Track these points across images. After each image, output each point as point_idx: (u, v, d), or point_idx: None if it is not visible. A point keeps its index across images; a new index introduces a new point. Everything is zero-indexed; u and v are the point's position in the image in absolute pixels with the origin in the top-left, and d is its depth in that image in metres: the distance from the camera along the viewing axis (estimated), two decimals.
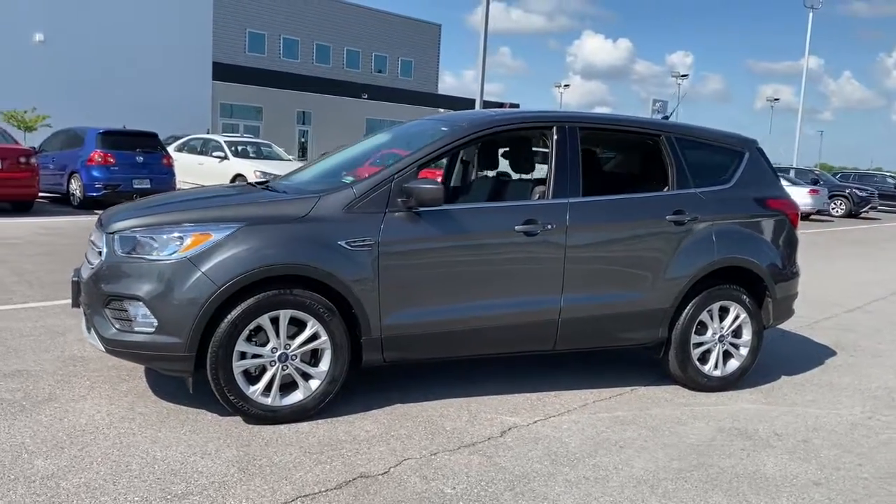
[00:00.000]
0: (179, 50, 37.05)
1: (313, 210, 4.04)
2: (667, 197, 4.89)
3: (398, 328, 4.17)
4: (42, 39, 33.46)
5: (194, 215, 4.01)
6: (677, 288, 4.79)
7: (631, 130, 5.08)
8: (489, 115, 4.69)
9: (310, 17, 44.73)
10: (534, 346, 4.63)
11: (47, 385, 4.38)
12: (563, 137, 4.65)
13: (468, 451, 3.77)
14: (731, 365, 5.09)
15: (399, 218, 4.15)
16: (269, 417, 3.96)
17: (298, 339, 3.99)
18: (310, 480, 3.34)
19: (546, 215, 4.46)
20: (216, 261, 3.79)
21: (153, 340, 3.80)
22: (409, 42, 50.38)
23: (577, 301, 4.56)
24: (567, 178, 4.59)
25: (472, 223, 4.33)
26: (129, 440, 3.66)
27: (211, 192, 5.02)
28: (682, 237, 4.82)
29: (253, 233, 3.88)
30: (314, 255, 3.93)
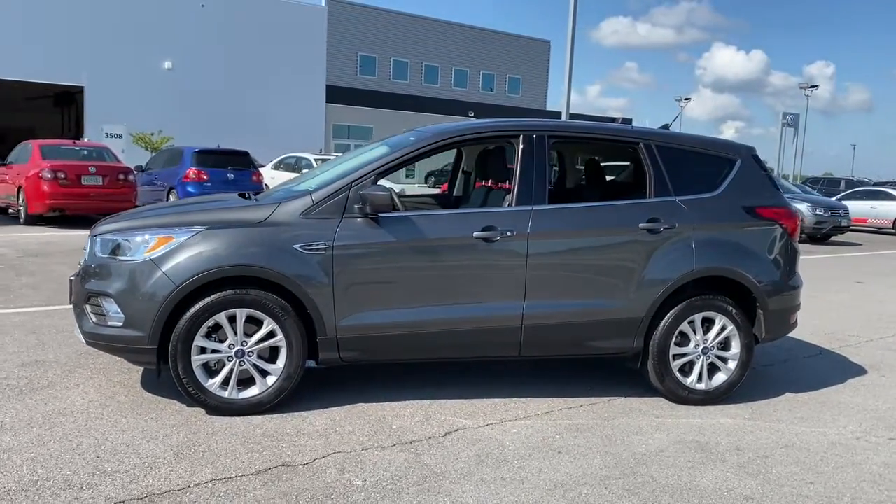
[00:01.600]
0: (295, 75, 38.97)
1: (272, 216, 4.30)
2: (641, 205, 4.82)
3: (354, 329, 4.34)
4: (170, 67, 36.03)
5: (163, 220, 4.37)
6: (652, 297, 4.71)
7: (607, 139, 5.05)
8: (454, 125, 4.81)
9: (419, 39, 45.96)
10: (498, 351, 4.68)
11: (53, 374, 4.85)
12: (530, 146, 4.70)
13: (399, 449, 3.89)
14: (718, 378, 4.93)
15: (356, 223, 4.34)
16: (226, 409, 4.23)
17: (255, 337, 4.25)
18: (232, 466, 3.56)
19: (506, 223, 4.52)
20: (176, 262, 4.12)
21: (122, 334, 4.16)
22: (518, 59, 50.68)
23: (541, 308, 4.58)
24: (532, 186, 4.64)
25: (430, 229, 4.46)
26: (93, 424, 4.02)
27: (197, 200, 5.39)
28: (657, 245, 4.74)
29: (211, 236, 4.18)
30: (268, 257, 4.18)
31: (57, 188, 12.89)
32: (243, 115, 36.22)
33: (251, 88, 37.04)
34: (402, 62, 45.65)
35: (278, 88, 37.58)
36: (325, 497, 3.29)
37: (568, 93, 19.44)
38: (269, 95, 37.29)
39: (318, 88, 40.38)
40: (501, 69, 50.15)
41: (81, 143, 14.91)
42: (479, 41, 48.95)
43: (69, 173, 13.12)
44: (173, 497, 3.22)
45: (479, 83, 49.30)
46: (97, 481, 3.32)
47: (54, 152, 13.78)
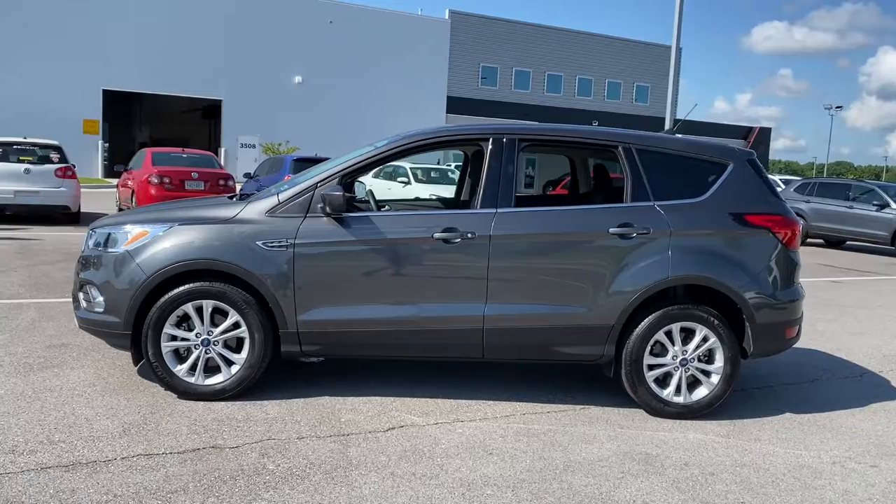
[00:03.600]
0: (417, 86, 40.05)
1: (239, 214, 4.55)
2: (613, 209, 4.70)
3: (314, 325, 4.52)
4: (300, 81, 37.94)
5: (146, 216, 4.74)
6: (622, 304, 4.58)
7: (583, 142, 4.95)
8: (423, 129, 4.88)
9: (542, 49, 45.83)
10: (460, 353, 4.70)
11: (68, 356, 5.33)
12: (498, 149, 4.71)
13: (333, 440, 4.02)
14: (699, 392, 4.71)
15: (318, 222, 4.52)
16: (193, 394, 4.51)
17: (220, 327, 4.51)
18: (165, 444, 3.82)
19: (468, 224, 4.55)
20: (148, 254, 4.45)
21: (103, 319, 4.55)
22: (646, 67, 49.41)
23: (503, 311, 4.57)
24: (497, 189, 4.64)
25: (391, 229, 4.56)
26: (70, 400, 4.41)
27: (193, 200, 5.73)
28: (629, 251, 4.60)
29: (182, 231, 4.49)
30: (231, 253, 4.43)
31: (163, 192, 13.96)
32: (366, 126, 37.46)
33: (374, 100, 38.35)
34: (524, 72, 45.69)
35: (400, 100, 38.68)
36: (230, 478, 3.47)
37: (673, 99, 18.83)
38: (392, 107, 38.42)
39: (440, 99, 41.23)
40: (628, 77, 49.09)
41: (189, 150, 16.06)
42: (605, 49, 48.17)
43: (174, 179, 14.20)
44: (95, 466, 3.50)
45: (604, 92, 48.50)
46: (39, 448, 3.67)
47: (164, 159, 14.95)
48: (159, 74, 34.51)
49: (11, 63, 31.76)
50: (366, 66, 39.01)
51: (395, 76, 39.51)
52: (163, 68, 34.42)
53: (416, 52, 40.38)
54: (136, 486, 3.32)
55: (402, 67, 39.75)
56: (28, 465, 3.47)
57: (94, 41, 33.00)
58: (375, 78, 39.17)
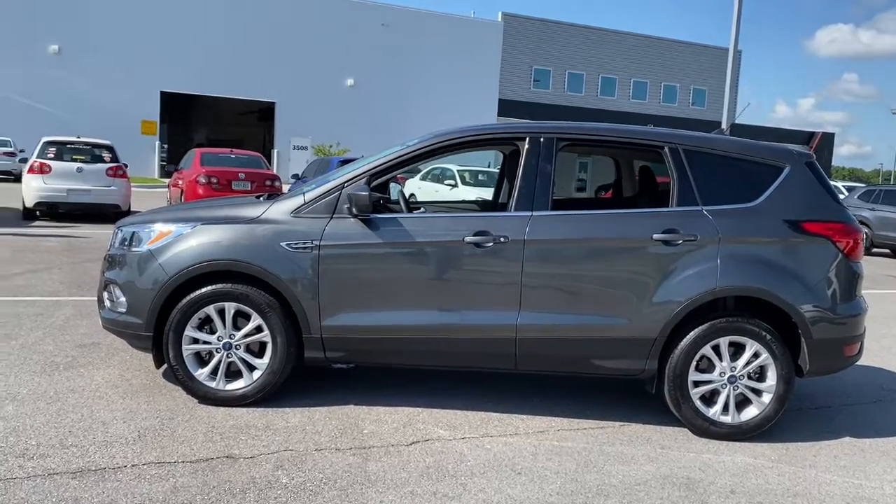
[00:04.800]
0: (469, 89, 39.85)
1: (264, 214, 4.40)
2: (658, 214, 4.40)
3: (339, 330, 4.33)
4: (352, 84, 38.14)
5: (169, 215, 4.62)
6: (666, 316, 4.27)
7: (626, 142, 4.65)
8: (457, 128, 4.64)
9: (596, 51, 45.14)
10: (492, 363, 4.46)
11: (95, 356, 5.26)
12: (535, 149, 4.45)
13: (352, 453, 3.81)
14: (749, 412, 4.37)
15: (345, 224, 4.33)
16: (213, 399, 4.36)
17: (242, 331, 4.36)
18: (178, 452, 3.67)
19: (501, 227, 4.31)
20: (171, 253, 4.33)
21: (125, 319, 4.44)
22: (703, 70, 48.24)
23: (537, 321, 4.31)
24: (533, 191, 4.39)
25: (420, 231, 4.35)
26: (90, 402, 4.31)
27: (216, 199, 5.59)
28: (674, 259, 4.30)
29: (206, 231, 4.35)
30: (254, 254, 4.28)
31: (210, 192, 14.02)
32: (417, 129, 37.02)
33: (425, 102, 38.29)
34: (577, 74, 45.06)
35: (451, 102, 38.52)
36: (240, 490, 3.30)
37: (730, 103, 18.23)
38: (443, 109, 38.29)
39: (491, 102, 40.97)
40: (685, 80, 48.00)
41: (238, 151, 16.15)
42: (661, 51, 47.17)
43: (221, 179, 14.27)
44: (103, 474, 3.37)
45: (659, 95, 47.53)
46: (50, 453, 3.56)
47: (212, 160, 15.05)
48: (215, 77, 35.06)
49: (75, 65, 32.65)
50: (417, 68, 39.00)
51: (447, 79, 39.41)
52: (218, 71, 34.97)
53: (468, 54, 40.20)
54: (141, 497, 3.17)
55: (454, 70, 39.62)
56: (36, 471, 3.36)
57: (152, 44, 33.70)
58: (427, 80, 39.12)
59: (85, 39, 32.87)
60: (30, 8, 32.00)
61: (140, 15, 33.63)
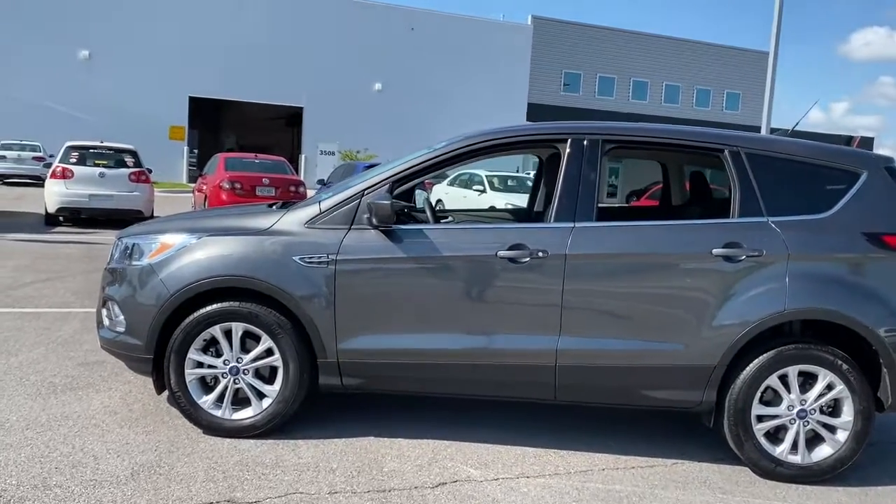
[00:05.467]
0: (498, 93, 39.36)
1: (276, 224, 3.97)
2: (716, 226, 3.90)
3: (357, 353, 3.89)
4: (380, 88, 37.87)
5: (173, 225, 4.21)
6: (727, 341, 3.77)
7: (681, 144, 4.14)
8: (490, 129, 4.18)
9: (627, 55, 44.29)
10: (528, 393, 3.98)
11: (97, 377, 4.87)
12: (578, 152, 3.97)
13: (369, 497, 3.36)
14: (821, 451, 3.84)
15: (364, 235, 3.89)
16: (218, 429, 3.94)
17: (251, 354, 3.93)
18: (175, 494, 3.25)
19: (539, 241, 3.83)
20: (173, 268, 3.92)
21: (123, 340, 4.03)
22: (737, 73, 47.14)
23: (579, 346, 3.83)
24: (576, 200, 3.91)
25: (448, 244, 3.89)
26: (84, 432, 3.91)
27: (226, 208, 5.17)
28: (736, 277, 3.79)
29: (210, 243, 3.93)
30: (264, 269, 3.85)
31: (234, 197, 13.70)
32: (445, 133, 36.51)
33: (454, 107, 37.87)
34: (608, 78, 44.25)
35: (480, 106, 38.02)
36: None
37: (769, 104, 17.51)
38: (471, 113, 37.79)
39: (520, 107, 40.44)
40: (718, 84, 46.94)
41: (262, 156, 15.83)
42: (693, 55, 46.19)
43: (245, 184, 13.93)
44: None
45: (692, 99, 46.54)
46: (30, 496, 3.16)
47: (236, 164, 14.74)
48: (243, 82, 34.97)
49: (104, 70, 32.76)
50: (446, 72, 38.61)
51: (476, 83, 38.95)
52: (246, 76, 34.87)
53: (496, 58, 39.71)
54: None
55: (483, 74, 39.15)
56: None
57: (181, 50, 33.70)
58: (455, 85, 38.71)
59: (115, 45, 32.96)
60: (61, 14, 32.15)
61: (169, 21, 33.66)
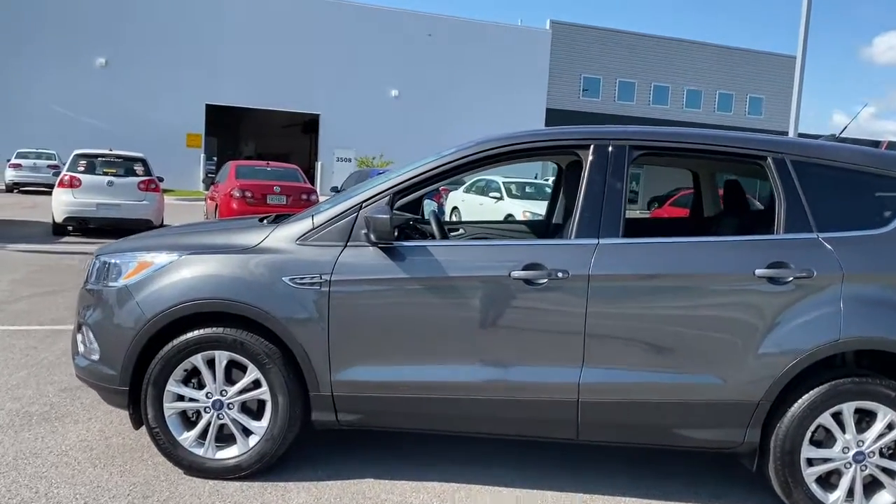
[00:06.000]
0: (516, 98, 38.95)
1: (265, 240, 3.57)
2: (759, 243, 3.44)
3: (353, 386, 3.47)
4: (397, 94, 37.59)
5: (152, 242, 3.83)
6: (772, 374, 3.32)
7: (719, 151, 3.68)
8: (504, 134, 3.75)
9: (647, 59, 43.60)
10: (546, 431, 3.54)
11: (78, 404, 4.49)
12: (602, 159, 3.54)
13: None
14: (881, 499, 3.37)
15: (362, 253, 3.48)
16: (200, 470, 3.54)
17: (236, 387, 3.53)
18: None
19: (559, 259, 3.40)
20: (150, 290, 3.53)
21: (98, 369, 3.65)
22: (760, 77, 46.27)
23: (605, 378, 3.39)
24: (600, 213, 3.47)
25: (455, 263, 3.46)
26: (53, 471, 3.53)
27: (212, 222, 4.77)
28: (783, 302, 3.33)
29: (192, 263, 3.54)
30: (249, 291, 3.45)
31: (244, 206, 13.36)
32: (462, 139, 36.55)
33: (471, 113, 37.49)
34: (628, 83, 43.60)
35: (498, 112, 37.63)
36: None
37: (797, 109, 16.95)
38: (489, 119, 37.40)
39: (539, 112, 39.98)
40: (741, 88, 46.11)
41: (274, 164, 15.49)
42: (715, 58, 45.41)
43: (256, 193, 13.59)
44: None
45: (714, 104, 45.74)
46: None
47: (247, 172, 14.40)
48: (259, 90, 34.82)
49: (121, 78, 32.73)
50: (463, 78, 38.27)
51: (493, 88, 38.57)
52: (262, 83, 34.73)
53: (515, 63, 39.30)
54: None
55: (501, 79, 38.77)
56: None
57: (198, 57, 33.63)
58: (473, 90, 38.35)
59: (132, 52, 32.94)
60: (78, 21, 32.18)
61: (186, 28, 33.62)
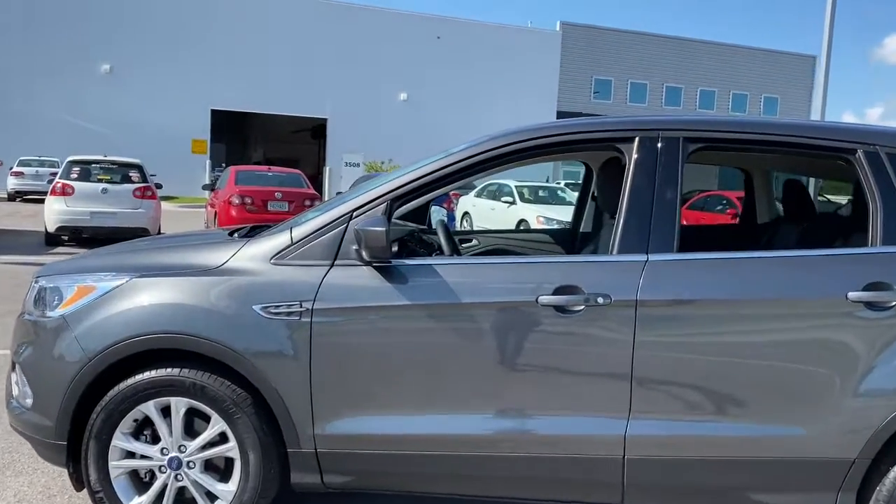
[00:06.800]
0: (527, 101, 38.23)
1: (232, 259, 2.89)
2: (850, 259, 2.74)
3: (342, 441, 2.79)
4: (406, 98, 36.97)
5: (98, 261, 3.15)
6: (871, 424, 2.62)
7: (799, 143, 2.95)
8: (522, 127, 3.06)
9: (659, 60, 42.78)
10: (583, 495, 2.84)
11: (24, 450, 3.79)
12: (650, 155, 2.84)
13: None
14: None
15: (352, 274, 2.80)
16: None
17: (198, 440, 2.85)
18: None
19: (598, 281, 2.71)
20: (92, 322, 2.86)
21: (30, 419, 2.99)
22: (775, 77, 45.33)
23: (658, 431, 2.70)
24: (649, 223, 2.77)
25: (469, 287, 2.77)
26: None
27: (169, 237, 4.07)
28: (884, 332, 2.63)
29: (143, 287, 2.86)
30: (211, 322, 2.77)
31: (244, 213, 12.72)
32: None
33: (481, 116, 36.74)
34: (640, 84, 42.75)
35: (508, 115, 36.72)
36: None
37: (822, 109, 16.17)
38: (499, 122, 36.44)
39: (550, 115, 39.21)
40: (756, 89, 45.15)
41: (276, 169, 14.86)
42: (729, 59, 44.49)
43: (256, 199, 12.94)
44: None
45: (728, 104, 44.84)
46: None
47: (247, 178, 13.77)
48: (265, 94, 34.28)
49: (126, 84, 32.23)
50: (473, 81, 37.59)
51: (503, 91, 37.88)
52: (268, 88, 34.18)
53: (524, 65, 38.59)
54: None
55: (511, 82, 38.07)
56: None
57: (203, 62, 33.12)
58: (482, 93, 37.67)
59: (136, 58, 32.43)
60: (82, 28, 31.72)
61: (190, 33, 33.12)
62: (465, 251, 4.19)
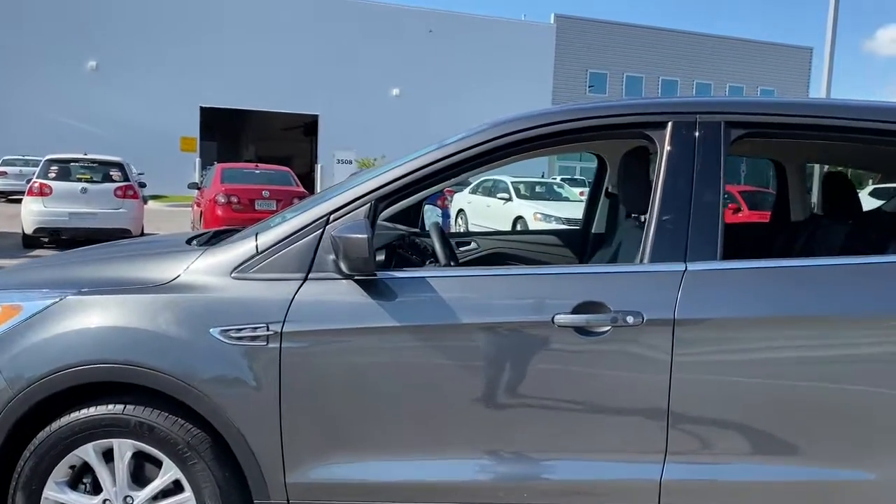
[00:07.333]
0: (521, 96, 37.62)
1: (185, 273, 2.41)
2: None
3: (320, 490, 2.33)
4: (398, 93, 36.48)
5: (26, 276, 2.68)
6: None
7: (857, 127, 2.46)
8: (529, 113, 2.60)
9: (655, 52, 42.38)
10: None
11: None
12: (688, 143, 2.37)
13: None
14: None
15: (329, 289, 2.32)
16: None
17: (147, 489, 2.38)
18: None
19: (626, 296, 2.24)
20: (19, 350, 2.38)
21: None
22: (772, 69, 44.96)
23: (699, 476, 2.24)
24: (686, 225, 2.31)
25: (470, 305, 2.30)
26: None
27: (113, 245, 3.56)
28: None
29: (80, 307, 2.39)
30: (158, 350, 2.30)
31: (230, 213, 12.23)
32: None
33: (474, 110, 36.05)
34: (635, 77, 42.29)
35: (502, 110, 35.91)
36: None
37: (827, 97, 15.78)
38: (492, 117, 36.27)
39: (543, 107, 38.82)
40: (752, 81, 44.75)
41: (263, 166, 14.37)
42: (725, 51, 44.14)
43: (242, 198, 12.45)
44: None
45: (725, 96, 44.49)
46: None
47: (234, 176, 13.28)
48: (255, 91, 33.73)
49: (112, 81, 31.64)
50: (466, 75, 37.12)
51: (497, 85, 37.39)
52: (258, 85, 33.62)
53: (518, 59, 38.13)
54: None
55: (505, 76, 37.59)
56: None
57: (191, 59, 32.55)
58: (476, 88, 37.18)
59: (123, 55, 31.83)
60: (66, 23, 31.10)
61: (179, 29, 32.54)
62: (463, 256, 3.72)
